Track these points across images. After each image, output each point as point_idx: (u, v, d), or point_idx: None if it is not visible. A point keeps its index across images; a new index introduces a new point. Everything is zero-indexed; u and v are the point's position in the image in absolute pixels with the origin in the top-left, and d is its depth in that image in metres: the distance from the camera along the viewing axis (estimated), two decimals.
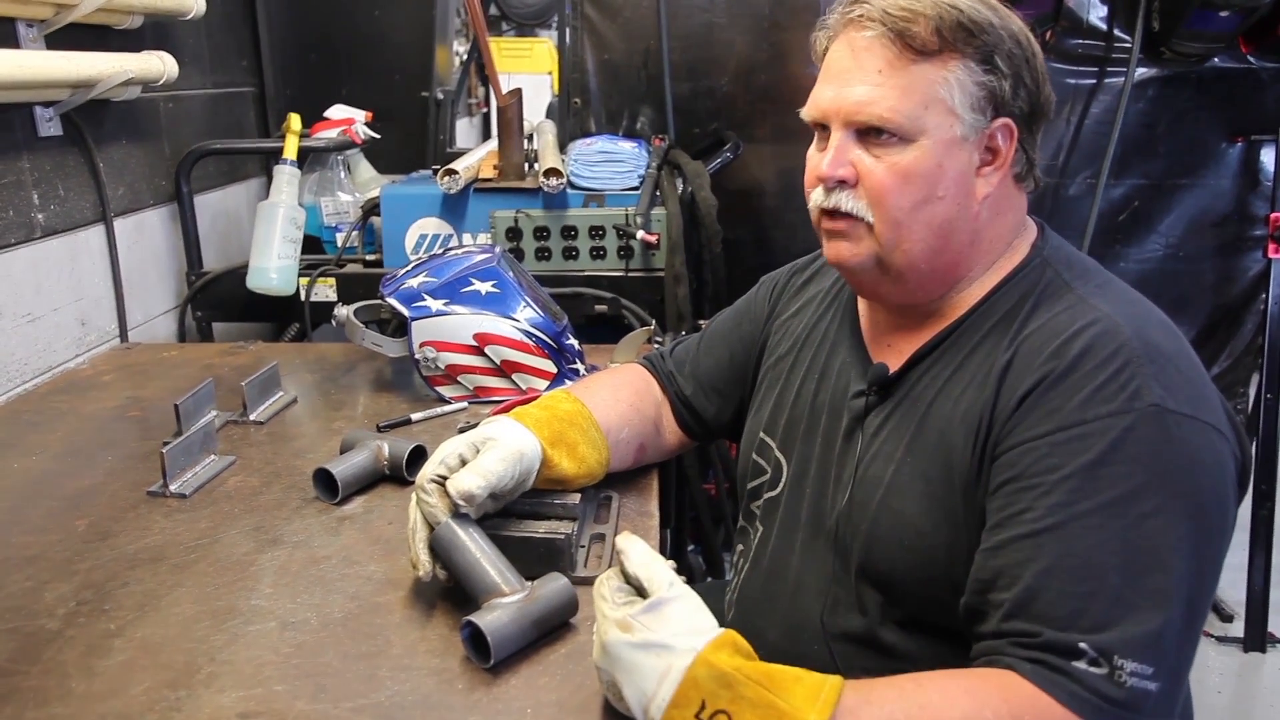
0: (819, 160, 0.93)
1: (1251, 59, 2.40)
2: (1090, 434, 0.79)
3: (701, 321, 1.28)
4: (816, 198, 0.95)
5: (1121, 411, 0.79)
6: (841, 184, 0.92)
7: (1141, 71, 2.41)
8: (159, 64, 1.76)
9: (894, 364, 0.98)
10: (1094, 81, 2.47)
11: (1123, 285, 0.93)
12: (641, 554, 0.76)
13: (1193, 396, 0.81)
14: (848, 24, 0.92)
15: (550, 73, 4.85)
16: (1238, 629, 2.43)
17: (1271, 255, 2.34)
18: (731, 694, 0.68)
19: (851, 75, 0.90)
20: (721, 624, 1.15)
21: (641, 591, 0.74)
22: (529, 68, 5.18)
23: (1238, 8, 2.13)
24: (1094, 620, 0.73)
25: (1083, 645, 0.73)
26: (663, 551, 1.63)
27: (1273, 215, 2.35)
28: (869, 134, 0.90)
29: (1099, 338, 0.83)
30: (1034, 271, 0.94)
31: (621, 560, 0.75)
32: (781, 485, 1.07)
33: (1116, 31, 2.42)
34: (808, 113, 0.96)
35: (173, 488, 1.14)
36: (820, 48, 0.97)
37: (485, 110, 4.31)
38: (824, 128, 0.94)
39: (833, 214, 0.94)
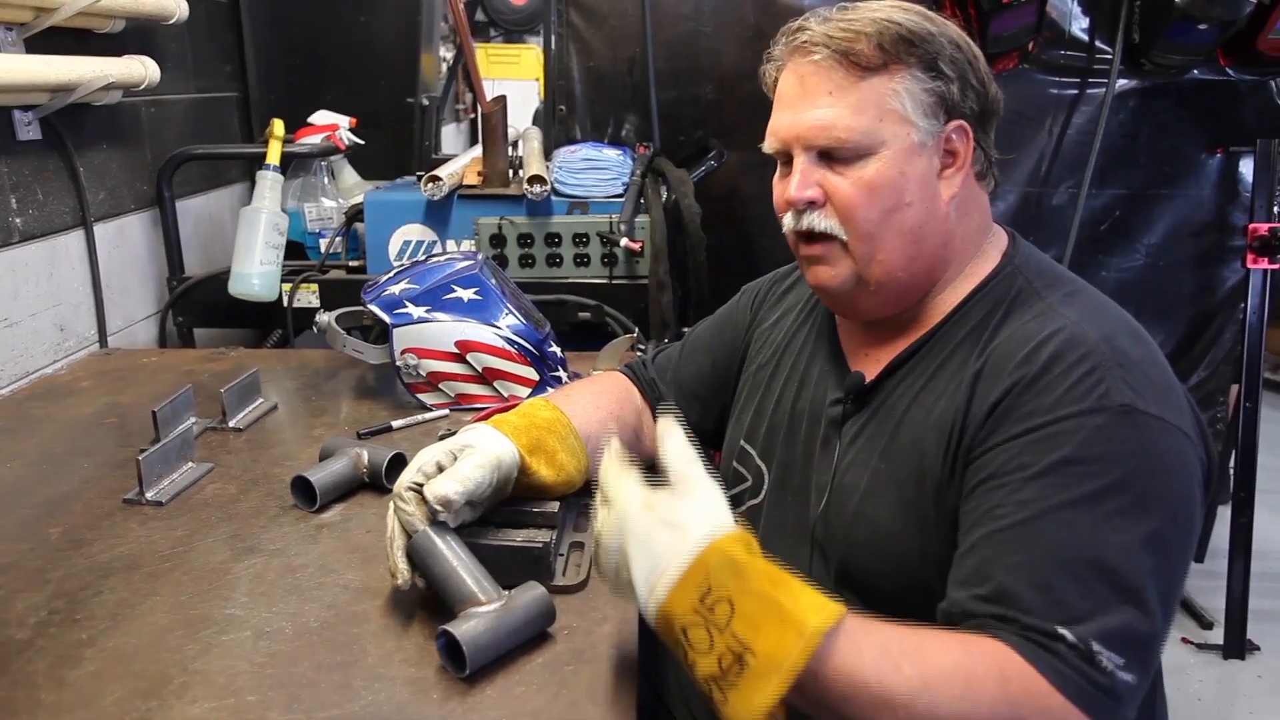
0: (785, 188, 0.95)
1: (1230, 71, 2.43)
2: (1061, 433, 0.80)
3: (685, 329, 1.29)
4: (789, 222, 0.97)
5: (1092, 410, 0.80)
6: (811, 205, 0.94)
7: (1122, 83, 2.44)
8: (140, 68, 1.75)
9: (870, 372, 0.99)
10: (1076, 92, 2.49)
11: (1093, 292, 0.94)
12: (680, 445, 0.74)
13: (1160, 399, 0.82)
14: (793, 53, 0.94)
15: (539, 79, 4.86)
16: (1217, 636, 2.45)
17: (1250, 265, 2.37)
18: (739, 584, 0.68)
19: (803, 101, 0.93)
20: None
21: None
22: (517, 74, 5.19)
23: (1216, 21, 2.16)
24: (1068, 613, 0.74)
25: (1063, 631, 0.73)
26: None
27: (1251, 225, 2.37)
28: (830, 154, 0.92)
29: (1067, 343, 0.85)
30: (1005, 280, 0.95)
31: (660, 443, 0.74)
32: (763, 493, 1.07)
33: (1098, 43, 2.45)
34: (768, 145, 0.98)
35: (149, 495, 1.13)
36: (770, 79, 0.99)
37: (473, 116, 4.31)
38: (786, 156, 0.96)
39: (808, 238, 0.96)
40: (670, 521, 0.70)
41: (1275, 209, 2.41)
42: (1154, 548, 0.77)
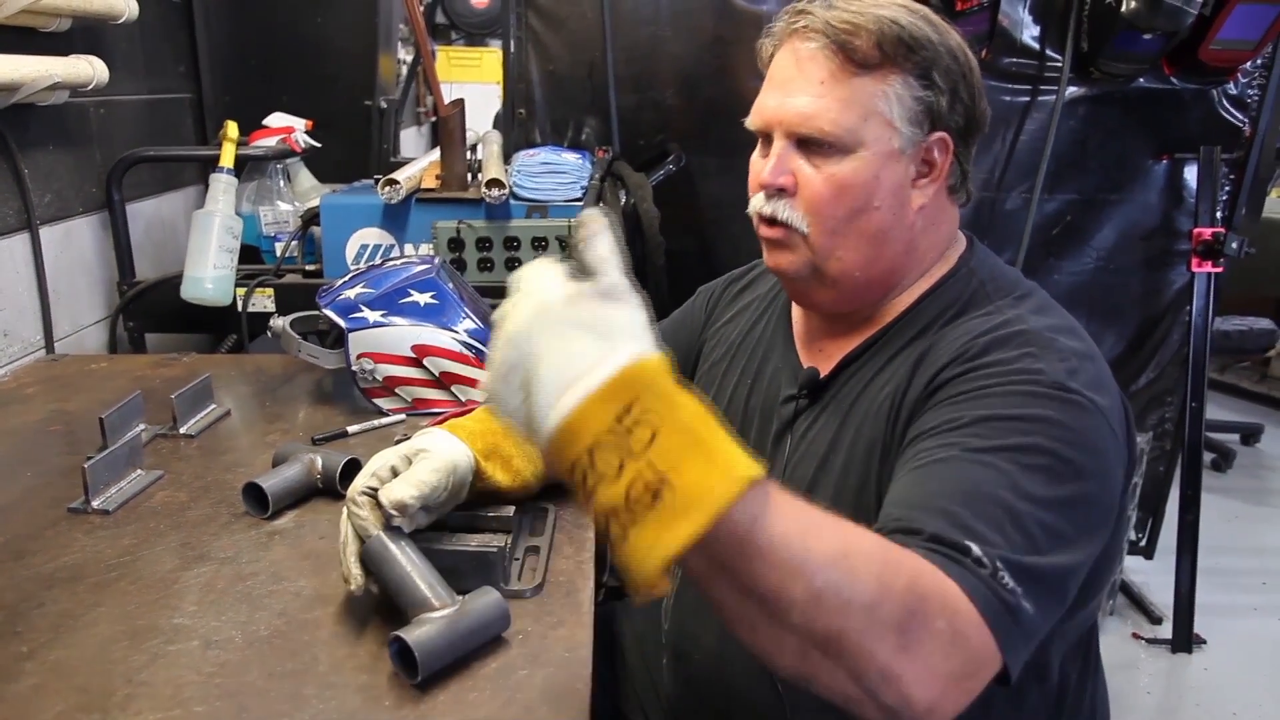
0: (761, 167, 0.96)
1: (1174, 80, 2.49)
2: (992, 394, 0.82)
3: None
4: (757, 203, 0.98)
5: (1025, 384, 0.82)
6: (781, 192, 0.95)
7: (1072, 90, 2.49)
8: (88, 68, 1.71)
9: (825, 368, 1.00)
10: (1028, 99, 2.54)
11: (1043, 296, 0.97)
12: (610, 249, 0.61)
13: (1091, 387, 0.84)
14: (791, 34, 0.95)
15: (500, 82, 4.84)
16: (1166, 631, 2.51)
17: (1194, 269, 2.43)
18: (668, 411, 0.58)
19: (794, 85, 0.93)
20: (657, 633, 1.15)
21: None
22: (479, 77, 5.16)
23: (1160, 31, 2.22)
24: (975, 533, 0.72)
25: (969, 544, 0.70)
26: (601, 563, 1.62)
27: (1195, 230, 2.43)
28: (809, 144, 0.93)
29: (1010, 334, 0.88)
30: (959, 282, 0.97)
31: (587, 242, 0.61)
32: None
33: (1048, 51, 2.49)
34: (752, 121, 0.98)
35: (95, 504, 1.10)
36: (766, 54, 1.00)
37: (435, 119, 4.28)
38: (768, 135, 0.97)
39: (770, 222, 0.97)
40: (594, 325, 0.58)
41: (1218, 214, 2.48)
42: (1064, 514, 0.76)
